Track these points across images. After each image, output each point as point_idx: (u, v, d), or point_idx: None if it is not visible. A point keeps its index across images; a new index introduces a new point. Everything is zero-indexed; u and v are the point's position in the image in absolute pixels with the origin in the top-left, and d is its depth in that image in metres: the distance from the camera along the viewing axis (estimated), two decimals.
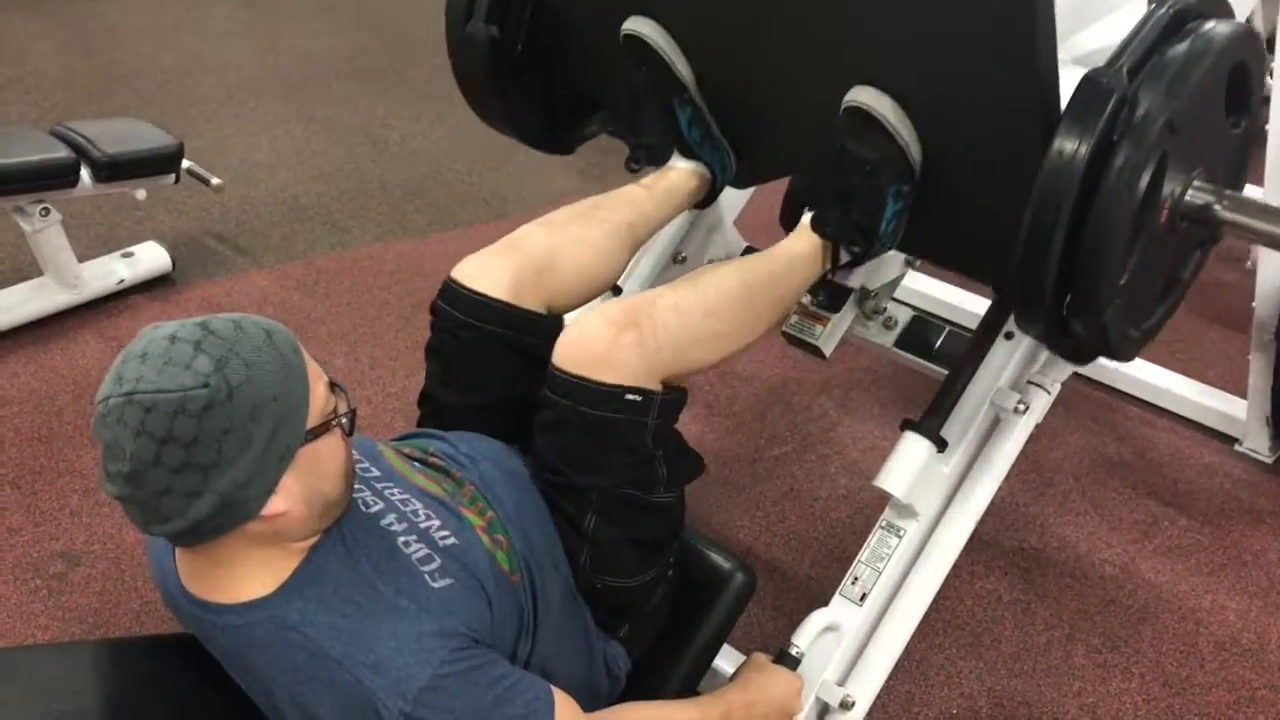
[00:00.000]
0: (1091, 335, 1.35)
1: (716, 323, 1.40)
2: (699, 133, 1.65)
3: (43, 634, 1.89)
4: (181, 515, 1.01)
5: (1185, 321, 2.87)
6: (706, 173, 1.69)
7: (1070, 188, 1.21)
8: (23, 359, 2.54)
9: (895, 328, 1.84)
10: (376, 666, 1.05)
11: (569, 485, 1.33)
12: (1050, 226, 1.23)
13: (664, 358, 1.33)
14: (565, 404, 1.30)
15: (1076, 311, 1.31)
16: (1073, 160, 1.21)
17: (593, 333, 1.31)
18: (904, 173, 1.41)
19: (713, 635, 1.47)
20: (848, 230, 1.47)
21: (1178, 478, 2.37)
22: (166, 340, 1.01)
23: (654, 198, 1.65)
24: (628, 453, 1.31)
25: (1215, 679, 1.92)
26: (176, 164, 2.70)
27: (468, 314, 1.43)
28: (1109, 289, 1.28)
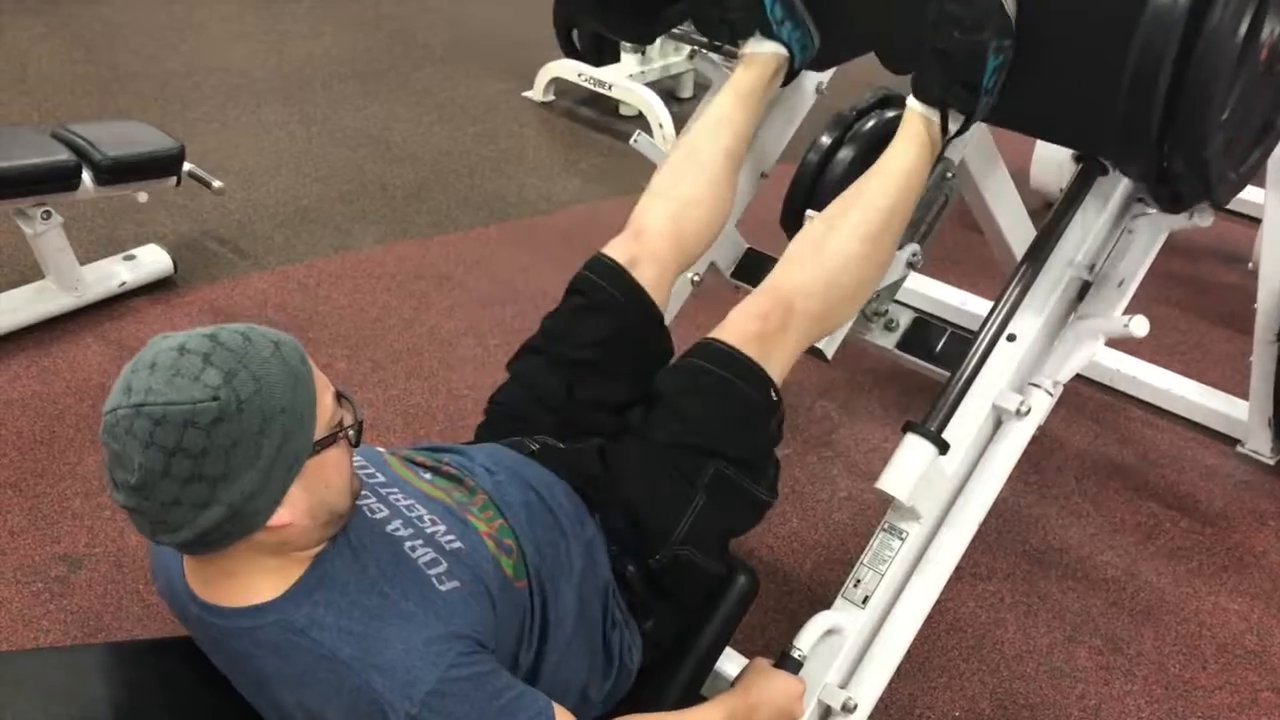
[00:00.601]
0: (1193, 173, 1.37)
1: (854, 287, 1.54)
2: (782, 9, 1.69)
3: (44, 637, 1.89)
4: (189, 526, 1.01)
5: (1187, 322, 2.87)
6: (785, 53, 1.74)
7: (1176, 23, 1.24)
8: (24, 362, 2.54)
9: (897, 330, 1.85)
10: (384, 669, 1.06)
11: (696, 448, 1.38)
12: (1157, 61, 1.26)
13: (812, 336, 1.52)
14: (719, 373, 1.40)
15: (1179, 148, 1.34)
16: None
17: (748, 325, 1.43)
18: (1004, 25, 1.44)
19: (716, 638, 1.47)
20: (954, 89, 1.51)
21: (1180, 479, 2.37)
22: (175, 351, 1.01)
23: (741, 105, 1.72)
24: (757, 438, 1.43)
25: (1218, 681, 1.92)
26: (178, 166, 2.70)
27: (608, 282, 1.54)
28: (1213, 124, 1.31)
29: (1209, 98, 1.29)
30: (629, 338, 1.54)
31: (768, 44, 1.72)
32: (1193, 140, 1.33)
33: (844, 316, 1.61)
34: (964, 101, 1.52)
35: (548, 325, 1.58)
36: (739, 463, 1.40)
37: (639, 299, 1.55)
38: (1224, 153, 1.37)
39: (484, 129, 3.85)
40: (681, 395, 1.41)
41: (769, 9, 1.67)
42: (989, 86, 1.49)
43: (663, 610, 1.41)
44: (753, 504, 1.44)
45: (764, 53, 1.72)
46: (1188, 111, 1.30)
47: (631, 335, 1.54)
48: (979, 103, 1.51)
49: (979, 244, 2.37)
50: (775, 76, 1.75)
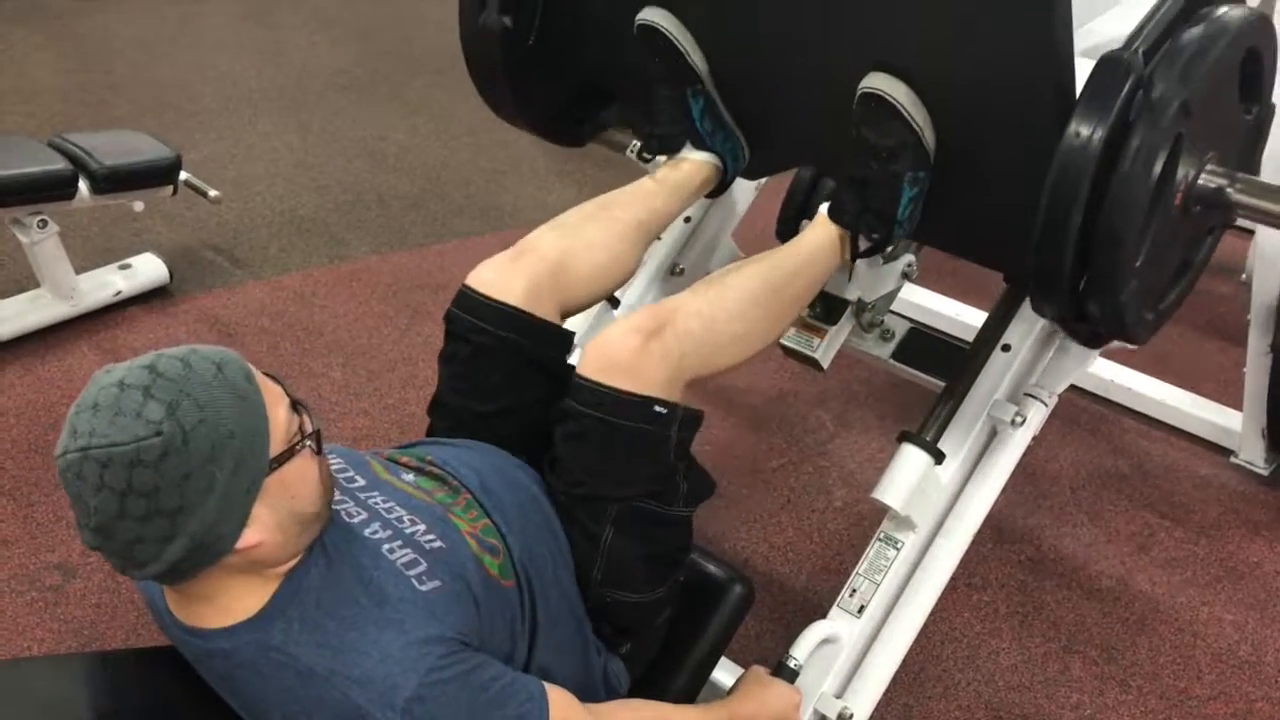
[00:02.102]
0: (1108, 316, 1.37)
1: (740, 324, 1.42)
2: (712, 122, 1.66)
3: (39, 647, 1.88)
4: (156, 560, 1.01)
5: (1180, 334, 2.88)
6: (719, 162, 1.71)
7: (1087, 169, 1.23)
8: (19, 370, 2.54)
9: (892, 340, 1.85)
10: (362, 680, 1.05)
11: (590, 496, 1.33)
12: (1067, 207, 1.25)
13: (689, 364, 1.35)
14: (592, 414, 1.30)
15: (1093, 293, 1.33)
16: (1089, 142, 1.23)
17: (620, 341, 1.32)
18: (920, 158, 1.42)
19: (711, 647, 1.47)
20: (866, 218, 1.49)
21: (1174, 490, 2.38)
22: (116, 388, 0.99)
23: (665, 191, 1.66)
24: (652, 464, 1.33)
25: (1213, 691, 1.92)
26: (174, 176, 2.70)
27: (483, 320, 1.44)
28: (1126, 270, 1.30)
29: (1121, 245, 1.26)
30: (528, 370, 1.45)
31: (699, 153, 1.69)
32: (1106, 286, 1.31)
33: (727, 355, 1.43)
34: (876, 229, 1.49)
35: (444, 377, 1.49)
36: (640, 496, 1.33)
37: (521, 326, 1.44)
38: (1140, 295, 1.35)
39: (479, 139, 3.85)
40: (564, 444, 1.34)
41: (698, 122, 1.64)
42: (902, 218, 1.47)
43: (628, 638, 1.40)
44: (672, 523, 1.37)
45: (695, 159, 1.69)
46: (1101, 258, 1.28)
47: (531, 365, 1.45)
48: (892, 232, 1.49)
49: None
50: (705, 183, 1.70)
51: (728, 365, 1.44)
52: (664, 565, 1.38)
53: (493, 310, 1.44)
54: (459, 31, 1.77)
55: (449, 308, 1.47)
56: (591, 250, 1.53)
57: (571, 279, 1.50)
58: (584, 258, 1.52)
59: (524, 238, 1.53)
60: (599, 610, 1.35)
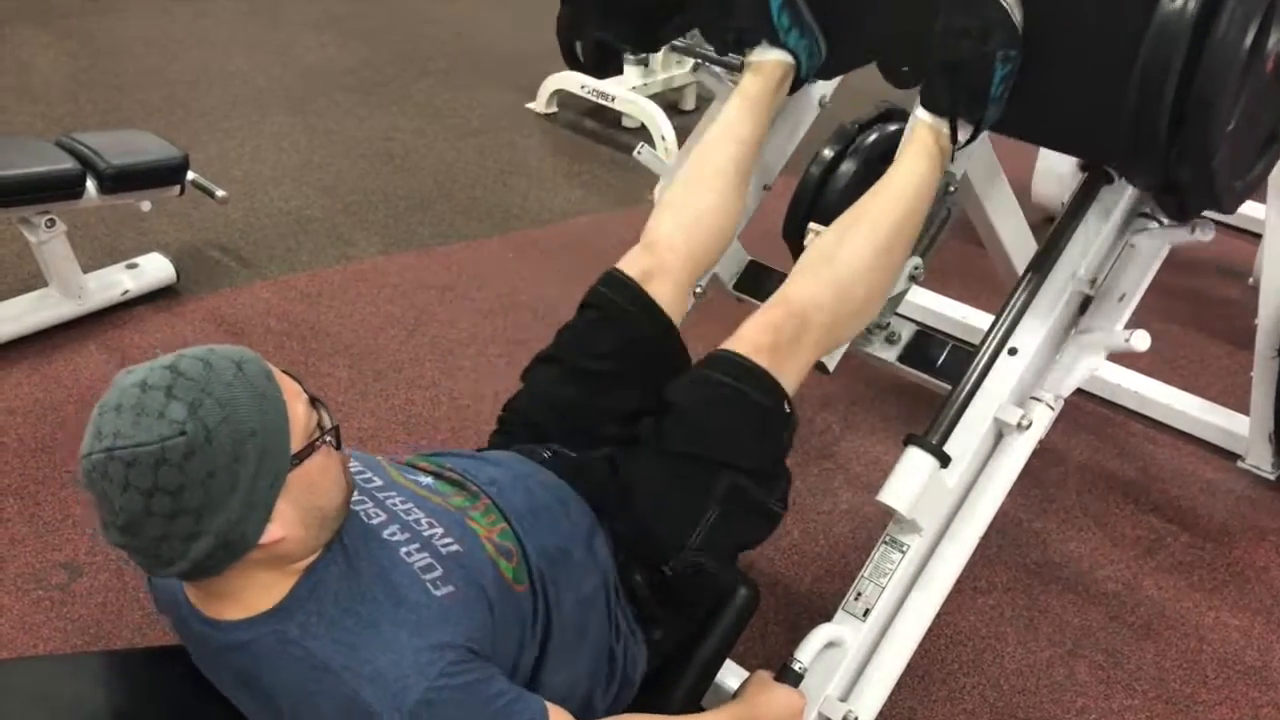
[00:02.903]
0: (1199, 183, 1.39)
1: (865, 300, 1.55)
2: (789, 17, 1.69)
3: (45, 645, 1.89)
4: (182, 558, 1.02)
5: (1188, 337, 2.87)
6: (792, 61, 1.74)
7: (1183, 34, 1.26)
8: (27, 369, 2.54)
9: (898, 343, 1.85)
10: (374, 679, 1.06)
11: (708, 460, 1.38)
12: (1164, 72, 1.27)
13: (823, 349, 1.51)
14: (733, 384, 1.40)
15: (1186, 159, 1.35)
16: (1185, 6, 1.25)
17: (760, 337, 1.43)
18: (1010, 36, 1.45)
19: (716, 650, 1.47)
20: (962, 99, 1.52)
21: (1180, 494, 2.37)
22: (138, 389, 1.00)
23: (748, 113, 1.72)
24: (771, 448, 1.43)
25: (1219, 697, 1.91)
26: (181, 175, 2.71)
27: (621, 296, 1.56)
28: (1219, 135, 1.32)
29: (1215, 109, 1.30)
30: (642, 350, 1.55)
31: (774, 52, 1.73)
32: (1199, 151, 1.34)
33: (855, 328, 1.62)
34: (972, 111, 1.53)
35: (562, 336, 1.60)
36: (752, 473, 1.40)
37: (652, 312, 1.56)
38: (1230, 163, 1.38)
39: (487, 140, 3.86)
40: (694, 406, 1.41)
41: (776, 17, 1.68)
42: (996, 96, 1.50)
43: (671, 620, 1.41)
44: (765, 515, 1.44)
45: (770, 60, 1.73)
46: (1194, 122, 1.31)
47: (645, 348, 1.55)
48: (986, 112, 1.52)
49: (979, 257, 2.37)
50: (782, 84, 1.76)
51: (856, 331, 1.65)
52: (737, 552, 1.47)
53: (633, 292, 1.56)
54: None
55: (594, 285, 1.59)
56: (709, 218, 1.66)
57: (699, 253, 1.64)
58: (704, 228, 1.65)
59: (646, 227, 1.65)
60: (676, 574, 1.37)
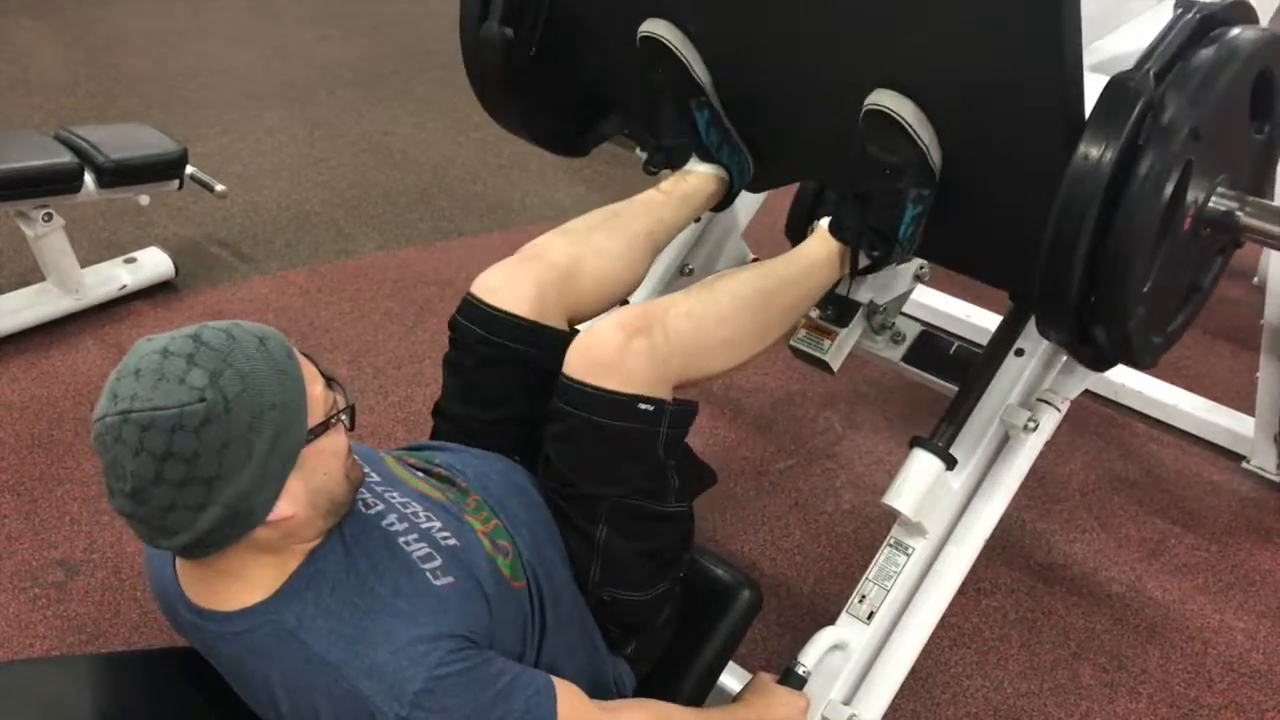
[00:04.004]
0: (1114, 342, 1.34)
1: (730, 330, 1.40)
2: (717, 135, 1.64)
3: (41, 644, 1.87)
4: (188, 529, 1.00)
5: (1192, 338, 2.86)
6: (725, 175, 1.69)
7: (1095, 193, 1.20)
8: (24, 364, 2.53)
9: (904, 342, 1.83)
10: (371, 671, 1.04)
11: (580, 495, 1.31)
12: (1075, 232, 1.22)
13: (675, 365, 1.32)
14: (578, 414, 1.28)
15: (1100, 318, 1.30)
16: (1098, 165, 1.20)
17: (604, 339, 1.30)
18: (925, 176, 1.40)
19: (718, 653, 1.46)
20: (867, 234, 1.47)
21: (1185, 495, 2.36)
22: (159, 355, 0.99)
23: (672, 203, 1.64)
24: (640, 463, 1.30)
25: (1224, 700, 1.90)
26: (180, 170, 2.69)
27: (488, 330, 1.42)
28: (1133, 296, 1.27)
29: (1130, 269, 1.24)
30: (533, 378, 1.41)
31: (705, 166, 1.67)
32: (1114, 312, 1.29)
33: (714, 359, 1.40)
34: (876, 246, 1.48)
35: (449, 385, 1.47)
36: (631, 494, 1.31)
37: (526, 334, 1.41)
38: (1148, 320, 1.33)
39: (487, 135, 3.84)
40: (553, 445, 1.32)
41: (704, 135, 1.63)
42: (903, 236, 1.46)
43: (633, 638, 1.39)
44: (663, 519, 1.34)
45: (702, 171, 1.67)
46: (1108, 283, 1.26)
47: (535, 374, 1.41)
48: (892, 250, 1.48)
49: None
50: (711, 195, 1.68)
51: (716, 371, 1.42)
52: (662, 561, 1.37)
53: (499, 321, 1.41)
54: (460, 40, 1.74)
55: (454, 315, 1.46)
56: (600, 257, 1.50)
57: (580, 286, 1.48)
58: (592, 264, 1.49)
59: (531, 242, 1.51)
60: (600, 610, 1.34)
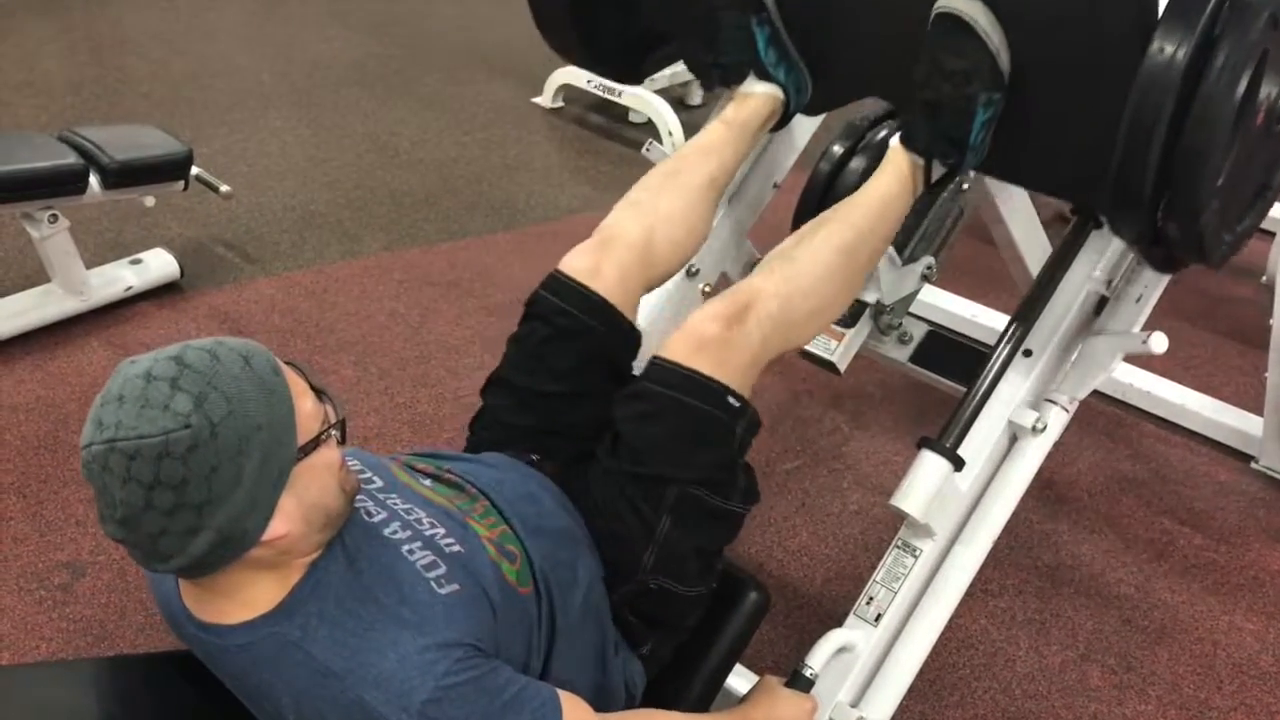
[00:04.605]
0: (1187, 238, 1.35)
1: (818, 299, 1.46)
2: (775, 53, 1.65)
3: (46, 646, 1.87)
4: (181, 553, 1.00)
5: (1201, 337, 2.85)
6: (780, 95, 1.69)
7: (1171, 86, 1.21)
8: (29, 366, 2.52)
9: (911, 343, 1.83)
10: (378, 682, 1.04)
11: (651, 476, 1.32)
12: (1151, 126, 1.23)
13: (772, 346, 1.39)
14: (668, 394, 1.32)
15: (1173, 213, 1.31)
16: (1173, 58, 1.20)
17: (704, 328, 1.35)
18: (995, 80, 1.41)
19: (725, 654, 1.45)
20: (940, 143, 1.48)
21: (1193, 496, 2.35)
22: (142, 380, 0.98)
23: (731, 138, 1.66)
24: (716, 452, 1.34)
25: (1233, 702, 1.89)
26: (185, 171, 2.69)
27: (566, 302, 1.46)
28: (1208, 189, 1.28)
29: (1204, 163, 1.25)
30: (598, 358, 1.47)
31: (762, 85, 1.68)
32: (1187, 207, 1.29)
33: (809, 331, 1.50)
34: (948, 155, 1.48)
35: (513, 356, 1.50)
36: (701, 482, 1.33)
37: (602, 314, 1.47)
38: (1219, 217, 1.33)
39: (492, 135, 3.83)
40: (631, 423, 1.34)
41: (762, 53, 1.63)
42: (975, 143, 1.46)
43: (655, 635, 1.38)
44: (725, 517, 1.37)
45: (758, 93, 1.68)
46: (1183, 176, 1.26)
47: (600, 355, 1.47)
48: (965, 157, 1.48)
49: (989, 255, 2.35)
50: (769, 118, 1.70)
51: (807, 340, 1.53)
52: (708, 562, 1.39)
53: (581, 296, 1.46)
54: None
55: (535, 290, 1.50)
56: (670, 224, 1.56)
57: (656, 257, 1.54)
58: (663, 234, 1.55)
59: (604, 223, 1.56)
60: (638, 599, 1.34)
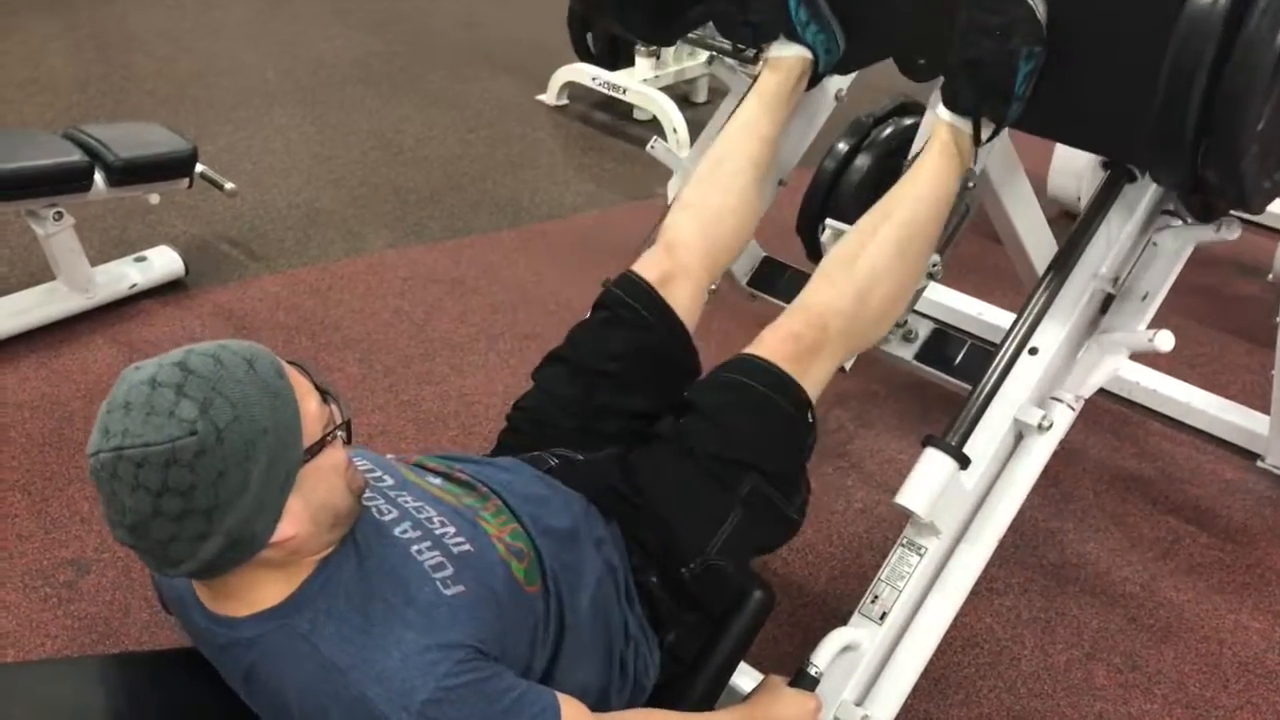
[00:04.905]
0: (1227, 184, 1.36)
1: (886, 302, 1.52)
2: (806, 12, 1.67)
3: (52, 643, 1.87)
4: (192, 558, 1.00)
5: (1206, 335, 2.84)
6: (810, 56, 1.72)
7: (1213, 30, 1.23)
8: (34, 363, 2.53)
9: (916, 340, 1.82)
10: (381, 679, 1.04)
11: (735, 462, 1.37)
12: (1192, 69, 1.25)
13: (845, 350, 1.50)
14: (762, 389, 1.39)
15: (1213, 159, 1.32)
16: (1215, 3, 1.22)
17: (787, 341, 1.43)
18: (1034, 31, 1.43)
19: (730, 653, 1.44)
20: (987, 99, 1.49)
21: (1199, 494, 2.34)
22: (147, 386, 0.98)
23: (766, 111, 1.70)
24: (795, 455, 1.44)
25: (1239, 701, 1.89)
26: (190, 168, 2.69)
27: (633, 297, 1.54)
28: (1248, 135, 1.29)
29: (1245, 107, 1.27)
30: (653, 353, 1.54)
31: (792, 47, 1.70)
32: (1228, 150, 1.31)
33: (877, 334, 1.59)
34: (995, 109, 1.50)
35: (575, 335, 1.58)
36: (776, 478, 1.39)
37: (666, 318, 1.55)
38: (1259, 162, 1.35)
39: (497, 132, 3.83)
40: (722, 408, 1.40)
41: (793, 11, 1.65)
42: (1019, 93, 1.48)
43: (688, 622, 1.39)
44: (784, 522, 1.44)
45: (788, 56, 1.71)
46: (1223, 121, 1.28)
47: (656, 351, 1.54)
48: (1010, 109, 1.50)
49: (995, 252, 2.34)
50: (800, 80, 1.74)
51: (877, 339, 1.61)
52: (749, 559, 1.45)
53: (650, 297, 1.54)
54: None
55: (610, 289, 1.57)
56: (728, 219, 1.64)
57: (719, 253, 1.64)
58: (723, 228, 1.63)
59: (663, 227, 1.64)
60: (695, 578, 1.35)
